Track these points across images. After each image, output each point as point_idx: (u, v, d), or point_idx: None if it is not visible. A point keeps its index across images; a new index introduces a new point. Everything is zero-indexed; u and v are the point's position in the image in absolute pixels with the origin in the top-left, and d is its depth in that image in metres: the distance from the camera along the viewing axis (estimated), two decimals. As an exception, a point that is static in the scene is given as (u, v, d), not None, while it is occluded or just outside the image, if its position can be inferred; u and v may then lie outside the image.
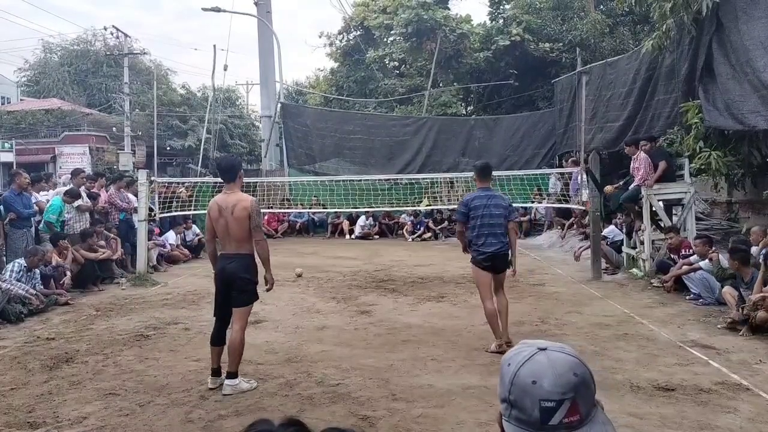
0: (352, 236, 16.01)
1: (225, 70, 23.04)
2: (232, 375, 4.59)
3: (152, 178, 11.67)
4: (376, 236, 16.16)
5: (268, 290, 4.85)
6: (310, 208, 16.51)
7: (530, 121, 17.51)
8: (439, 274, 9.96)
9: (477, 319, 6.80)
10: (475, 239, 5.64)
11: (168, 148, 29.65)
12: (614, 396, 4.35)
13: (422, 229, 15.74)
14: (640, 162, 9.03)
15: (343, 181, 15.07)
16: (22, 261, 7.64)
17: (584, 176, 10.49)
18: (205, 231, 4.98)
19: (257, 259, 4.77)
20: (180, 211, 12.30)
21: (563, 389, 1.08)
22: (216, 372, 4.70)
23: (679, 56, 9.64)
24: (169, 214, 12.09)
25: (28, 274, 7.58)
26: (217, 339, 4.76)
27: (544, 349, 1.14)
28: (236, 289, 4.65)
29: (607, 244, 10.26)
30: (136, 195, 10.84)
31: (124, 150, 26.16)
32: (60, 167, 25.53)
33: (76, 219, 9.70)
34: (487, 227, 5.60)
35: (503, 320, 5.61)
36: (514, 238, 5.78)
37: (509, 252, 5.66)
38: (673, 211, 9.65)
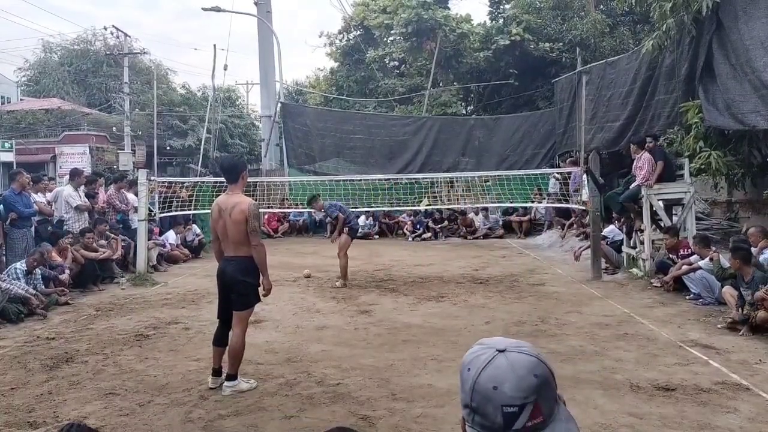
0: (352, 236, 15.99)
1: (225, 69, 23.03)
2: (231, 377, 4.59)
3: (152, 178, 11.66)
4: (376, 236, 16.16)
5: (265, 296, 4.83)
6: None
7: (530, 121, 17.51)
8: (439, 274, 9.96)
9: (477, 319, 6.81)
10: (353, 224, 9.43)
11: (168, 148, 29.66)
12: (614, 396, 4.35)
13: (422, 229, 15.74)
14: (643, 162, 9.02)
15: (343, 181, 15.06)
16: (20, 266, 7.58)
17: (584, 176, 10.50)
18: (210, 231, 4.94)
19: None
20: (180, 211, 12.30)
21: (525, 393, 1.07)
22: (216, 372, 4.69)
23: (679, 56, 9.64)
24: (169, 214, 12.09)
25: (28, 276, 7.55)
26: (219, 340, 4.74)
27: (503, 351, 1.12)
28: (235, 292, 4.63)
29: (607, 244, 10.26)
30: (136, 195, 10.84)
31: (124, 150, 26.15)
32: (60, 167, 25.52)
33: (75, 219, 9.71)
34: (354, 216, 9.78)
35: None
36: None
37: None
38: (673, 211, 9.64)
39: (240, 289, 4.61)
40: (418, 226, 15.88)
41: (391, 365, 5.17)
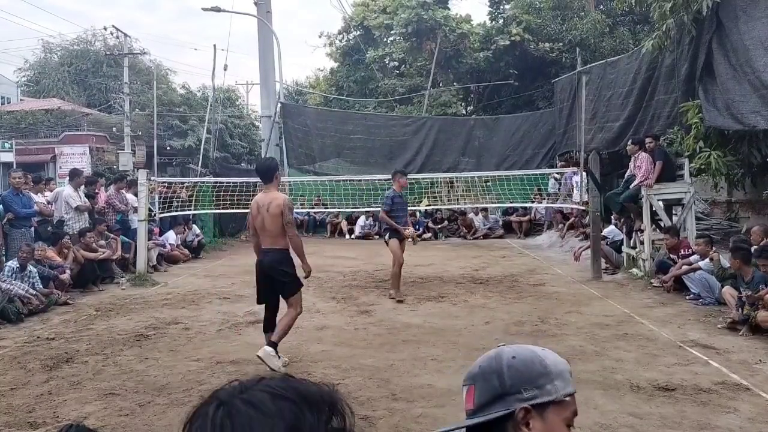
0: (352, 236, 16.00)
1: (225, 70, 22.99)
2: (273, 344, 4.96)
3: (152, 178, 11.66)
4: (376, 236, 16.14)
5: (306, 278, 5.30)
6: (311, 208, 16.51)
7: (530, 121, 17.49)
8: (439, 274, 9.96)
9: (477, 319, 6.81)
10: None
11: (168, 148, 29.59)
12: (614, 396, 4.35)
13: (422, 229, 15.74)
14: (641, 161, 9.03)
15: (343, 181, 15.06)
16: (12, 263, 7.58)
17: (584, 176, 10.50)
18: (249, 227, 5.63)
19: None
20: (180, 211, 12.30)
21: (467, 376, 1.22)
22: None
23: (679, 56, 9.64)
24: (169, 214, 12.09)
25: (22, 273, 7.52)
26: (269, 326, 5.18)
27: (502, 345, 1.26)
28: (278, 281, 5.11)
29: (607, 244, 10.26)
30: (136, 195, 10.85)
31: (124, 150, 26.10)
32: (60, 167, 25.48)
33: (75, 219, 9.70)
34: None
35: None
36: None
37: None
38: (673, 211, 9.64)
39: (281, 278, 5.10)
40: (417, 226, 15.87)
41: (391, 365, 5.17)
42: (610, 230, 10.72)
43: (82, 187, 10.26)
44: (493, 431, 1.16)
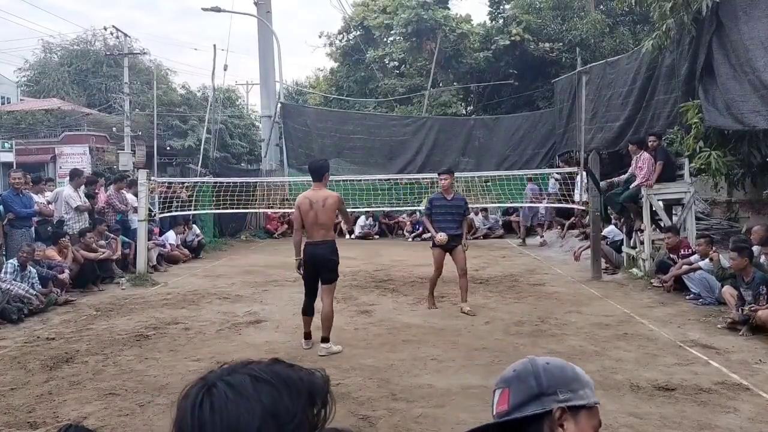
0: (352, 236, 16.00)
1: (225, 70, 22.97)
2: (325, 340, 5.53)
3: (152, 178, 11.66)
4: (376, 236, 16.15)
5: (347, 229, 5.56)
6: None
7: (530, 121, 17.51)
8: (439, 274, 9.94)
9: (477, 319, 6.81)
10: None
11: (168, 148, 29.58)
12: (614, 396, 4.35)
13: (422, 228, 15.74)
14: (643, 161, 9.02)
15: (343, 181, 15.05)
16: (14, 261, 7.60)
17: (584, 176, 10.50)
18: (294, 222, 5.94)
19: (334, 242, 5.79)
20: (180, 211, 12.29)
21: (501, 380, 1.29)
22: (308, 335, 5.72)
23: (679, 56, 9.65)
24: (169, 214, 12.09)
25: (23, 273, 7.51)
26: (309, 310, 5.71)
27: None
28: (326, 269, 5.59)
29: (607, 244, 10.26)
30: (136, 195, 10.84)
31: (124, 150, 26.08)
32: (60, 167, 25.46)
33: (75, 219, 9.70)
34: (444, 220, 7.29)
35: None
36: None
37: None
38: (673, 211, 9.64)
39: (331, 266, 5.61)
40: (417, 226, 15.88)
41: (391, 365, 5.17)
42: (610, 230, 10.71)
43: (82, 187, 10.25)
44: (527, 431, 1.20)
